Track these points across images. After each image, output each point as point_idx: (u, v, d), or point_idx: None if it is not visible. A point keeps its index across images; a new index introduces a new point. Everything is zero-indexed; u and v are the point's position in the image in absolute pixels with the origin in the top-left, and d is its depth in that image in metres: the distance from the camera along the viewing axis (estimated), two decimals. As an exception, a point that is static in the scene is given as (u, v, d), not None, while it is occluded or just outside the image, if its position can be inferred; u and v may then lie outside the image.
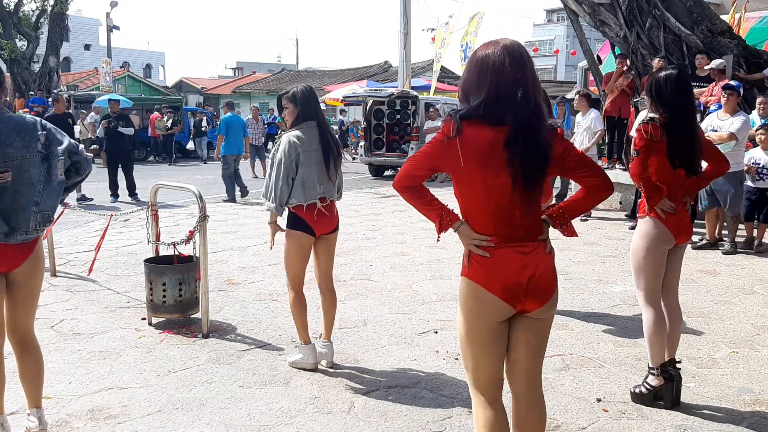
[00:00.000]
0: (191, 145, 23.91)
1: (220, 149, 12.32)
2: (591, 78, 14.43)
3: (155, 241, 5.19)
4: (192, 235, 4.83)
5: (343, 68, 41.42)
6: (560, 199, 9.80)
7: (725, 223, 7.81)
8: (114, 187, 12.06)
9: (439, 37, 21.34)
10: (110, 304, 5.52)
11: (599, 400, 3.69)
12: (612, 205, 10.60)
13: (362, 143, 17.42)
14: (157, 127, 22.21)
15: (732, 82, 8.21)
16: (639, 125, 3.64)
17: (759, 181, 7.51)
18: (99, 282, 6.16)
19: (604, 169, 11.38)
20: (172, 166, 20.92)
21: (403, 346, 4.55)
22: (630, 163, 3.74)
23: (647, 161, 3.57)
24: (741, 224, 7.76)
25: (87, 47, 51.55)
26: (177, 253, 5.05)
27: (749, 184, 7.57)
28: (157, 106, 23.95)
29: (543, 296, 2.34)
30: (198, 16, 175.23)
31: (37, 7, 30.99)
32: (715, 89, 8.90)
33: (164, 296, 4.85)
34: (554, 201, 6.62)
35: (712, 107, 8.68)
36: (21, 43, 30.24)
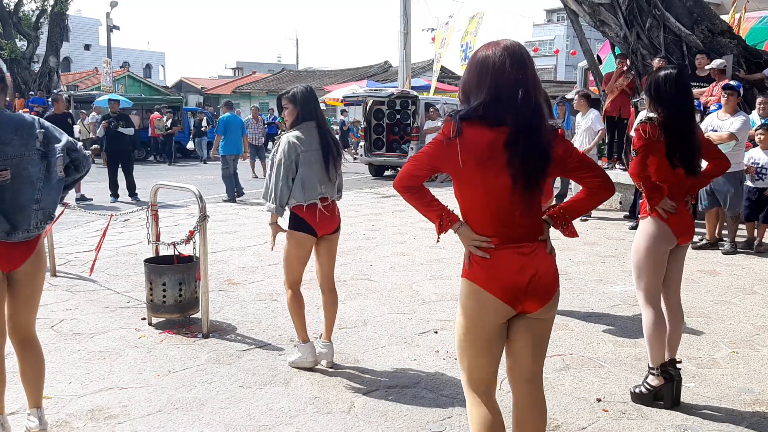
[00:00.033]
0: (191, 145, 23.91)
1: (217, 149, 12.49)
2: (591, 78, 14.43)
3: (155, 241, 5.19)
4: (192, 235, 4.83)
5: (343, 68, 41.43)
6: (560, 200, 9.82)
7: (725, 223, 7.81)
8: (114, 187, 12.08)
9: (439, 37, 21.34)
10: (110, 304, 5.52)
11: (599, 400, 3.69)
12: (612, 205, 10.60)
13: (362, 143, 17.43)
14: (156, 127, 22.20)
15: (732, 82, 8.21)
16: (637, 125, 3.65)
17: (758, 180, 7.51)
18: (99, 282, 6.17)
19: (603, 169, 11.33)
20: (172, 166, 20.92)
21: (403, 346, 4.55)
22: (630, 163, 3.74)
23: (646, 161, 3.57)
24: (741, 224, 7.76)
25: (87, 47, 51.57)
26: (177, 253, 5.05)
27: (749, 184, 7.57)
28: (157, 107, 23.95)
29: (544, 297, 2.34)
30: (198, 16, 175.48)
31: (37, 7, 31.02)
32: (715, 89, 8.90)
33: (164, 296, 4.85)
34: (554, 201, 6.62)
35: (712, 107, 8.68)
36: (21, 43, 30.26)
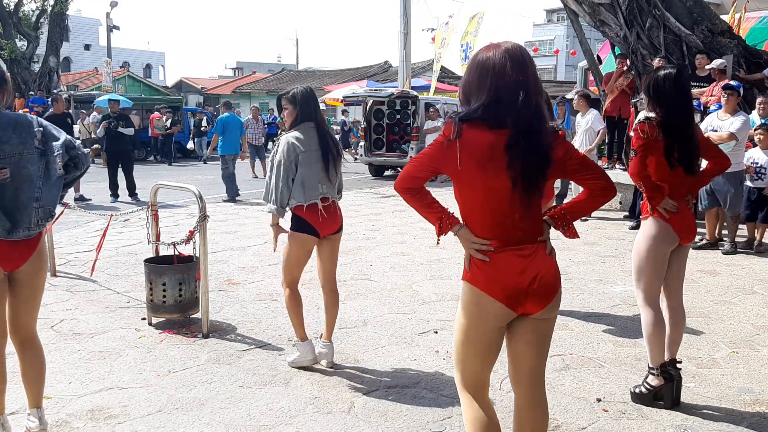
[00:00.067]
0: (191, 145, 23.90)
1: (213, 148, 12.76)
2: (591, 78, 14.43)
3: (155, 241, 5.19)
4: (192, 235, 4.83)
5: (343, 68, 41.45)
6: (560, 200, 9.83)
7: (725, 223, 7.81)
8: (114, 187, 12.09)
9: (439, 37, 21.34)
10: (110, 304, 5.52)
11: (599, 400, 3.69)
12: (612, 205, 10.60)
13: (362, 143, 17.43)
14: (156, 127, 22.19)
15: (732, 82, 8.21)
16: (635, 125, 3.64)
17: (757, 180, 7.51)
18: (99, 282, 6.16)
19: (604, 169, 11.32)
20: (171, 166, 20.91)
21: (403, 346, 4.55)
22: (629, 163, 3.74)
23: (646, 160, 3.57)
24: (741, 224, 7.76)
25: (87, 47, 51.57)
26: (177, 253, 5.05)
27: (749, 184, 7.57)
28: (157, 107, 23.95)
29: (545, 298, 2.34)
30: (198, 16, 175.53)
31: (37, 7, 31.03)
32: (715, 89, 8.90)
33: (164, 296, 4.85)
34: (554, 202, 6.62)
35: (712, 107, 8.68)
36: (21, 43, 30.27)
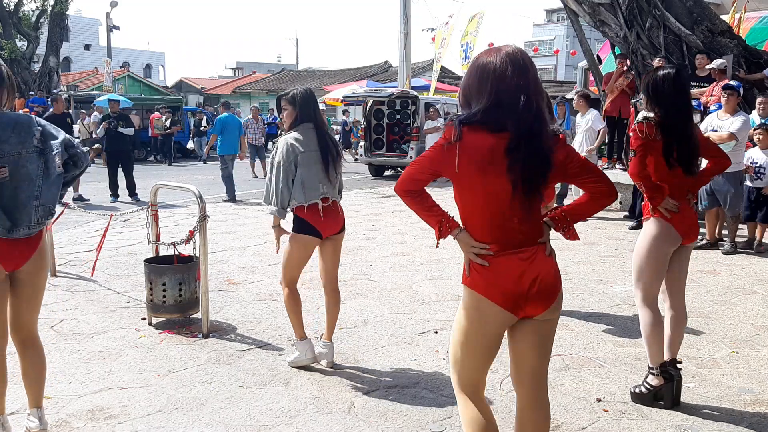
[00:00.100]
0: (191, 145, 23.90)
1: (211, 147, 13.01)
2: (591, 78, 14.43)
3: (155, 241, 5.19)
4: (192, 235, 4.83)
5: (343, 68, 41.45)
6: (561, 200, 9.82)
7: (725, 223, 7.81)
8: (114, 187, 12.10)
9: (439, 37, 21.34)
10: (110, 304, 5.52)
11: (599, 400, 3.69)
12: (612, 205, 10.57)
13: (362, 143, 17.44)
14: (155, 127, 22.19)
15: (732, 82, 8.21)
16: (634, 125, 3.64)
17: (756, 180, 7.52)
18: (99, 282, 6.16)
19: (603, 169, 11.26)
20: (171, 166, 20.91)
21: (403, 346, 4.55)
22: (629, 163, 3.74)
23: (645, 160, 3.56)
24: (741, 224, 7.76)
25: (87, 47, 51.58)
26: (177, 253, 5.05)
27: (748, 184, 7.58)
28: (157, 107, 23.95)
29: (546, 300, 2.34)
30: (198, 16, 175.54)
31: (37, 7, 31.05)
32: (715, 89, 8.90)
33: (164, 296, 4.85)
34: (555, 203, 6.62)
35: (712, 107, 8.68)
36: (21, 43, 30.28)
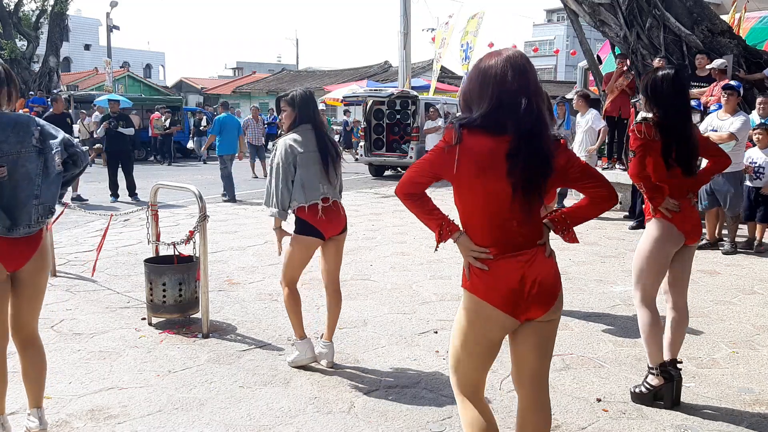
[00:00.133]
0: (191, 145, 23.89)
1: (209, 146, 13.24)
2: (591, 78, 14.43)
3: (155, 241, 5.19)
4: (192, 235, 4.83)
5: (343, 68, 41.45)
6: (561, 199, 9.82)
7: (725, 223, 7.81)
8: (114, 187, 12.10)
9: (439, 37, 21.33)
10: (110, 304, 5.52)
11: (599, 400, 3.69)
12: (612, 205, 10.58)
13: (362, 143, 17.44)
14: (155, 127, 22.18)
15: (732, 82, 8.21)
16: (632, 126, 3.64)
17: (756, 180, 7.52)
18: (99, 282, 6.16)
19: (603, 169, 11.24)
20: (171, 166, 20.90)
21: (403, 346, 4.55)
22: (629, 164, 3.75)
23: (645, 161, 3.56)
24: (741, 224, 7.76)
25: (87, 47, 51.59)
26: (177, 253, 5.05)
27: (748, 183, 7.58)
28: (157, 107, 23.95)
29: (547, 302, 2.33)
30: (198, 16, 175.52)
31: (37, 7, 31.06)
32: (715, 89, 8.90)
33: (164, 296, 4.85)
34: (556, 204, 6.62)
35: (712, 107, 8.68)
36: (21, 43, 30.29)
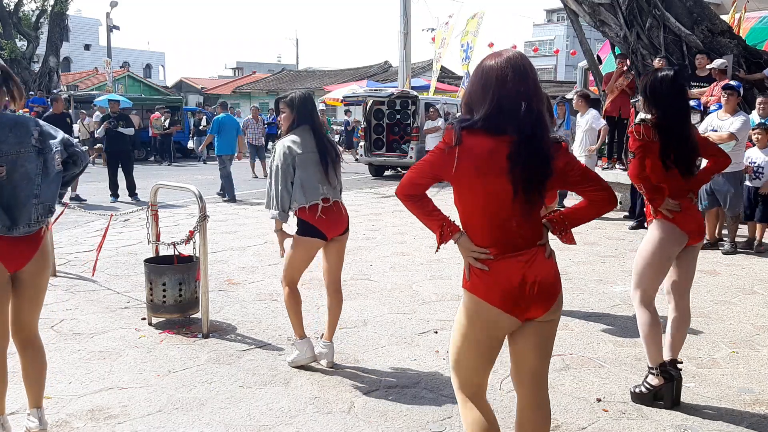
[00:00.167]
0: (191, 144, 23.88)
1: (207, 146, 13.48)
2: (591, 78, 14.43)
3: (155, 241, 5.19)
4: (192, 235, 4.83)
5: (343, 68, 41.46)
6: (561, 198, 9.82)
7: (725, 223, 7.81)
8: (114, 187, 12.10)
9: (439, 37, 21.34)
10: (110, 304, 5.52)
11: (599, 400, 3.69)
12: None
13: (362, 143, 17.44)
14: (154, 127, 22.17)
15: (732, 82, 8.21)
16: (631, 127, 3.64)
17: (755, 180, 7.52)
18: (99, 282, 6.16)
19: (603, 169, 11.22)
20: (171, 166, 20.89)
21: (403, 346, 4.55)
22: (629, 165, 3.75)
23: (644, 162, 3.56)
24: (741, 224, 7.76)
25: (87, 47, 51.60)
26: (177, 253, 5.05)
27: (748, 183, 7.58)
28: (157, 107, 23.94)
29: (547, 302, 2.34)
30: (198, 16, 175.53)
31: (37, 7, 31.07)
32: (715, 89, 8.90)
33: (164, 296, 4.85)
34: (556, 204, 6.62)
35: (712, 107, 8.68)
36: (21, 43, 30.30)
